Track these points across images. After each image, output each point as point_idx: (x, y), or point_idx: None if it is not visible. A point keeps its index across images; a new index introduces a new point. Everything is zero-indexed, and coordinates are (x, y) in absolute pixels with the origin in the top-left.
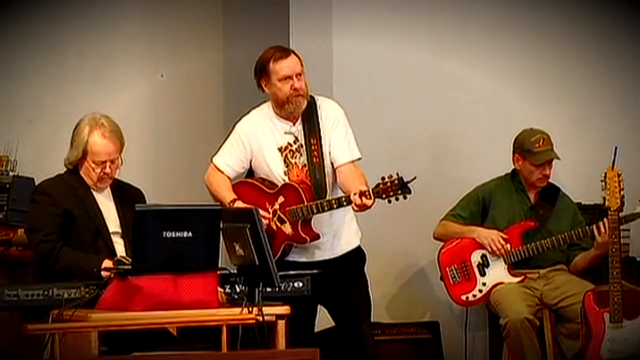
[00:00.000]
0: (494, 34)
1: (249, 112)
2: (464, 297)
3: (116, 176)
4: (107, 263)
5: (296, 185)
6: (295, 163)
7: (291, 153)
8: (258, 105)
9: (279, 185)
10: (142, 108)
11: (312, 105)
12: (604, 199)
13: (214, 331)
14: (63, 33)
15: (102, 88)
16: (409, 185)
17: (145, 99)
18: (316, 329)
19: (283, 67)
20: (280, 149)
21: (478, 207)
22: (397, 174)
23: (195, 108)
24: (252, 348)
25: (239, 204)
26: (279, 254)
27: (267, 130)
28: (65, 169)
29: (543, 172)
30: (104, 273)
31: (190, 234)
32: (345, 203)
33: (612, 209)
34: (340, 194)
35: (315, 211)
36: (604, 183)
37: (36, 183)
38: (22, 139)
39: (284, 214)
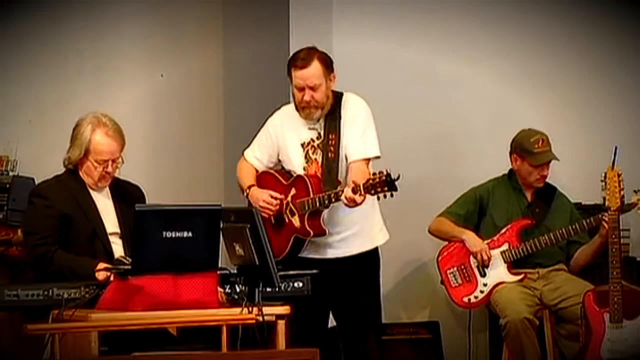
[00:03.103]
0: (494, 34)
1: (280, 107)
2: (465, 299)
3: (115, 174)
4: (101, 266)
5: (306, 178)
6: (315, 159)
7: (312, 149)
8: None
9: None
10: (142, 108)
11: (337, 101)
12: (604, 199)
13: (214, 331)
14: (64, 33)
15: (103, 88)
16: (395, 183)
17: (145, 99)
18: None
19: (297, 77)
20: (302, 145)
21: (475, 206)
22: (386, 171)
23: (195, 108)
24: (252, 348)
25: (254, 191)
26: (288, 248)
27: (294, 125)
28: (63, 170)
29: (541, 172)
30: (98, 276)
31: (190, 234)
32: (339, 198)
33: (612, 209)
34: None
35: (317, 204)
36: (604, 183)
37: (36, 183)
38: (22, 139)
39: (294, 206)
